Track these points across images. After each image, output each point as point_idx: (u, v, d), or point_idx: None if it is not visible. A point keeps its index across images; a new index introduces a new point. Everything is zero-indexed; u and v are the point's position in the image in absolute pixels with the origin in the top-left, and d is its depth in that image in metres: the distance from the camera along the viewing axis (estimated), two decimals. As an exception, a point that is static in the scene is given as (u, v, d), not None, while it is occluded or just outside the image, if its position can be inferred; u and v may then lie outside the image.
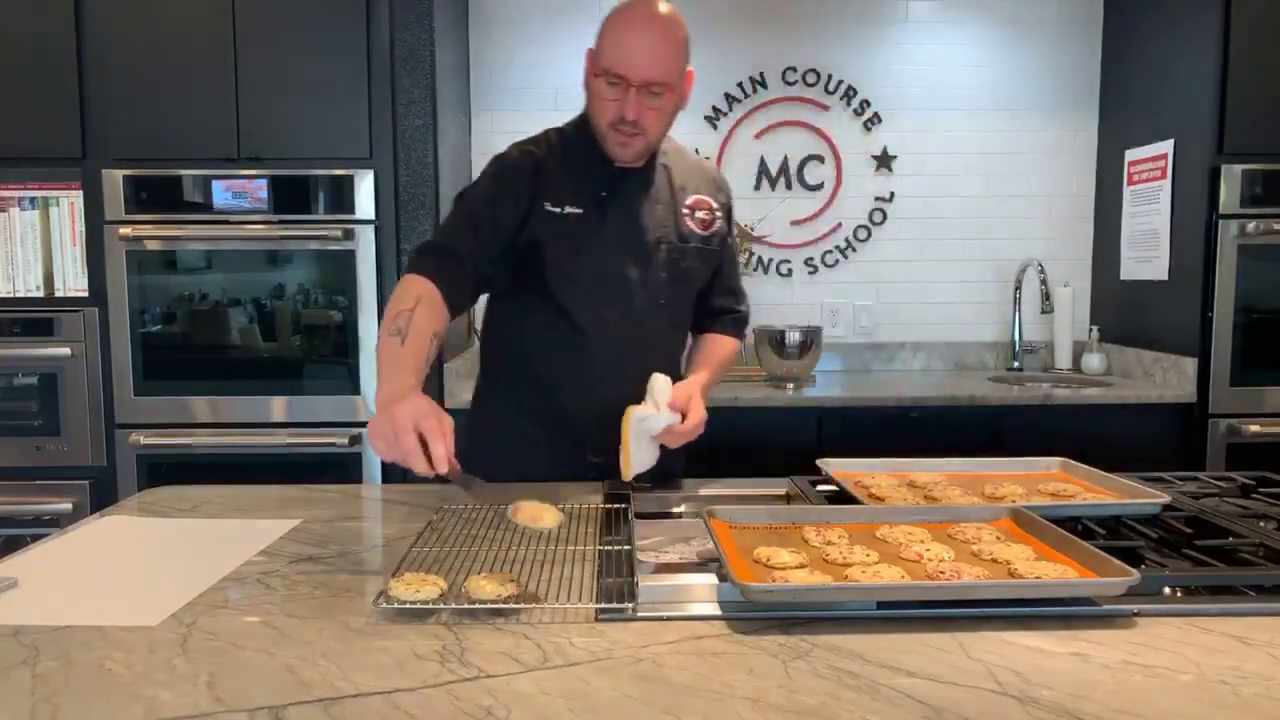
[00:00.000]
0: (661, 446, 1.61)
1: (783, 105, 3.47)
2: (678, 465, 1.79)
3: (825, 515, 1.32)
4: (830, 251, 3.51)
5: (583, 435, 1.72)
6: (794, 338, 3.07)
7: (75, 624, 1.03)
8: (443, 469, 1.23)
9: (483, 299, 1.78)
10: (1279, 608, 1.06)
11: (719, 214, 1.81)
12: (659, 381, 1.59)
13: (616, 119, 1.61)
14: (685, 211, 1.76)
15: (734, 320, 1.91)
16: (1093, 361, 3.34)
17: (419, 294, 1.53)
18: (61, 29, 2.73)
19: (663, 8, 1.61)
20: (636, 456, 1.54)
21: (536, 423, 1.74)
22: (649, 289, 1.71)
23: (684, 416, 1.58)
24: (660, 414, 1.54)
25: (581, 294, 1.68)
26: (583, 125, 1.72)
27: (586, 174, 1.69)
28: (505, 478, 1.67)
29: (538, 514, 1.09)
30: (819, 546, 1.20)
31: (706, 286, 1.83)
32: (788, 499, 1.62)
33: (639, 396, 1.58)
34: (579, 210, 1.67)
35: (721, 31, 3.43)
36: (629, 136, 1.63)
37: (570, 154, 1.71)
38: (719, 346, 1.86)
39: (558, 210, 1.66)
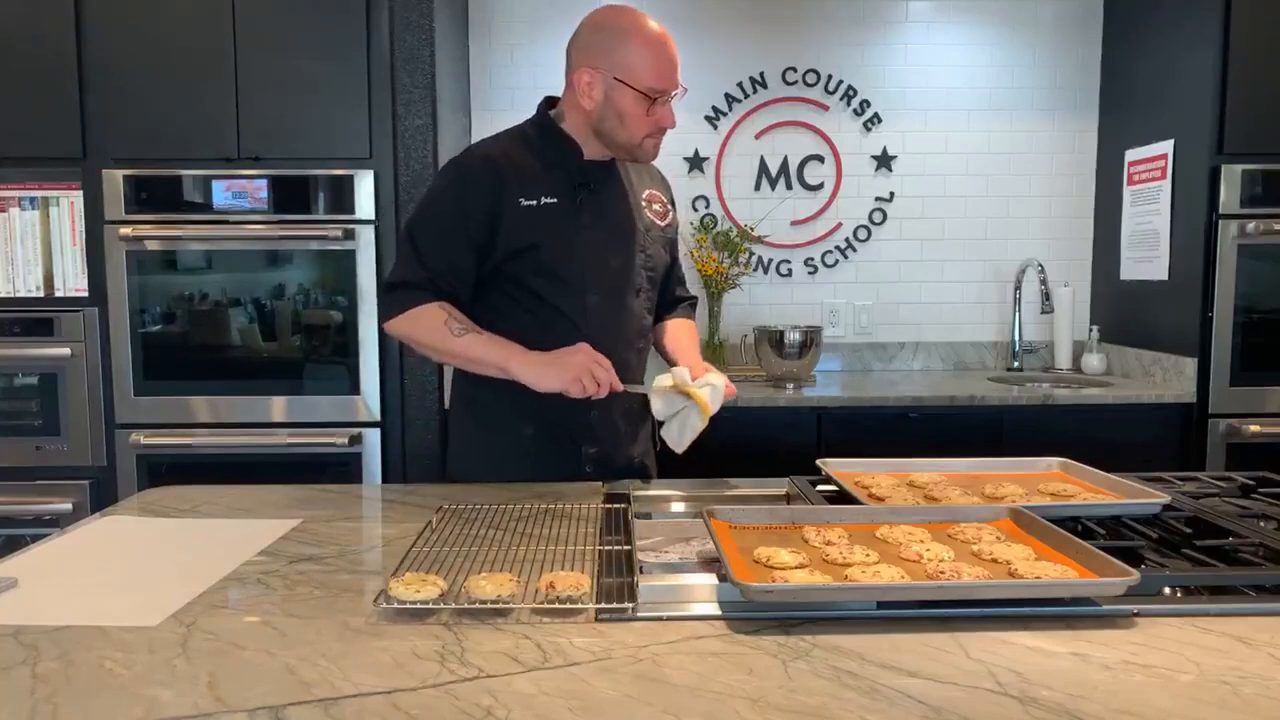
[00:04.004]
0: (654, 437, 1.78)
1: (783, 105, 3.47)
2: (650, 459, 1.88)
3: (825, 515, 1.32)
4: (830, 251, 3.52)
5: (574, 428, 1.72)
6: (794, 338, 3.07)
7: (75, 624, 1.03)
8: (620, 388, 1.61)
9: None
10: (1279, 608, 1.06)
11: (670, 208, 1.89)
12: (680, 372, 1.66)
13: (656, 129, 1.70)
14: (644, 204, 1.83)
15: (689, 305, 2.01)
16: (1093, 361, 3.34)
17: (435, 308, 1.67)
18: (61, 29, 2.73)
19: (650, 18, 1.68)
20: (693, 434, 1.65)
21: (524, 417, 1.71)
22: (629, 275, 1.77)
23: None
24: (717, 380, 1.67)
25: (569, 280, 1.70)
26: (543, 126, 1.75)
27: (559, 168, 1.72)
28: (492, 478, 1.68)
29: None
30: (819, 546, 1.20)
31: (665, 276, 1.90)
32: (788, 499, 1.62)
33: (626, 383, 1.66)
34: (554, 200, 1.69)
35: (721, 31, 3.43)
36: (660, 137, 1.73)
37: (536, 150, 1.73)
38: (690, 329, 1.95)
39: (534, 203, 1.68)
